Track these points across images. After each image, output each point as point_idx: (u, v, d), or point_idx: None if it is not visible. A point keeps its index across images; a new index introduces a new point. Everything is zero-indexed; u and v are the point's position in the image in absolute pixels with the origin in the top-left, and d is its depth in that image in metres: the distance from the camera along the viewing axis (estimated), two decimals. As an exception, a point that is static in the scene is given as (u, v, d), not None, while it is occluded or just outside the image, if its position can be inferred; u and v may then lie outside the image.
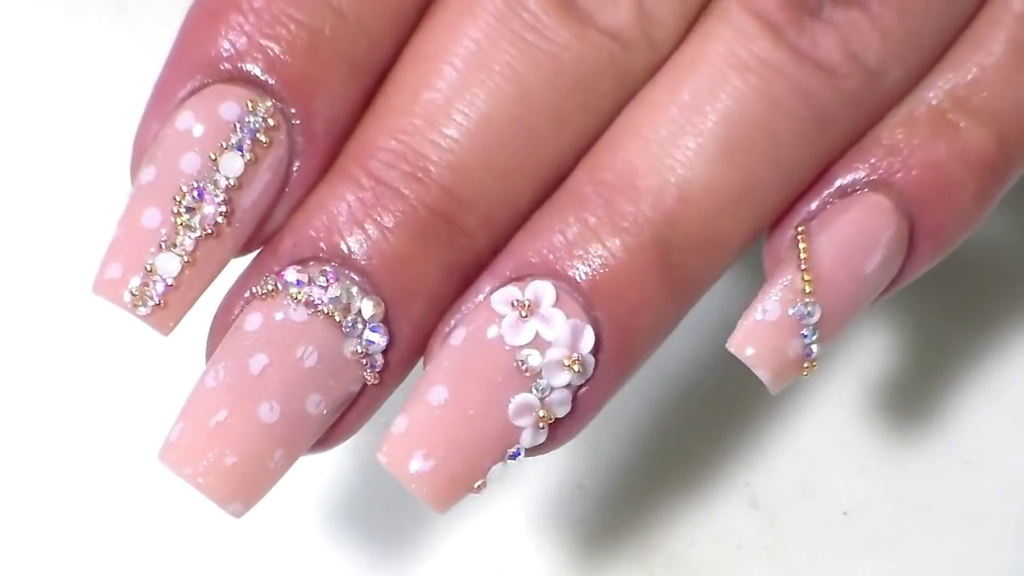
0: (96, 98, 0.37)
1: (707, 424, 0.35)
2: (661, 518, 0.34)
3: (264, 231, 0.25)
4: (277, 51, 0.24)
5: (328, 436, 0.25)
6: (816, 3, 0.24)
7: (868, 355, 0.35)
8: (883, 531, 0.34)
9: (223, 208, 0.24)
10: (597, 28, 0.24)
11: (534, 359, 0.24)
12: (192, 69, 0.24)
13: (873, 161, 0.26)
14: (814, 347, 0.25)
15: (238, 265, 0.25)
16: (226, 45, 0.24)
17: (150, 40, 0.37)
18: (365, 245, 0.24)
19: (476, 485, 0.24)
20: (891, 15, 0.25)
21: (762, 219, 0.25)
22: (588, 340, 0.24)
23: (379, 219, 0.24)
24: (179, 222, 0.24)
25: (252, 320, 0.24)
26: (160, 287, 0.24)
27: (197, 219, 0.24)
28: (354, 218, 0.24)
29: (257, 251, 0.25)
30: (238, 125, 0.24)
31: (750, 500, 0.34)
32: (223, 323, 0.25)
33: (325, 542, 0.33)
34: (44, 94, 0.37)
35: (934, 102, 0.26)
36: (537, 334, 0.24)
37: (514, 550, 0.33)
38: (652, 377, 0.35)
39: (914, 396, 0.35)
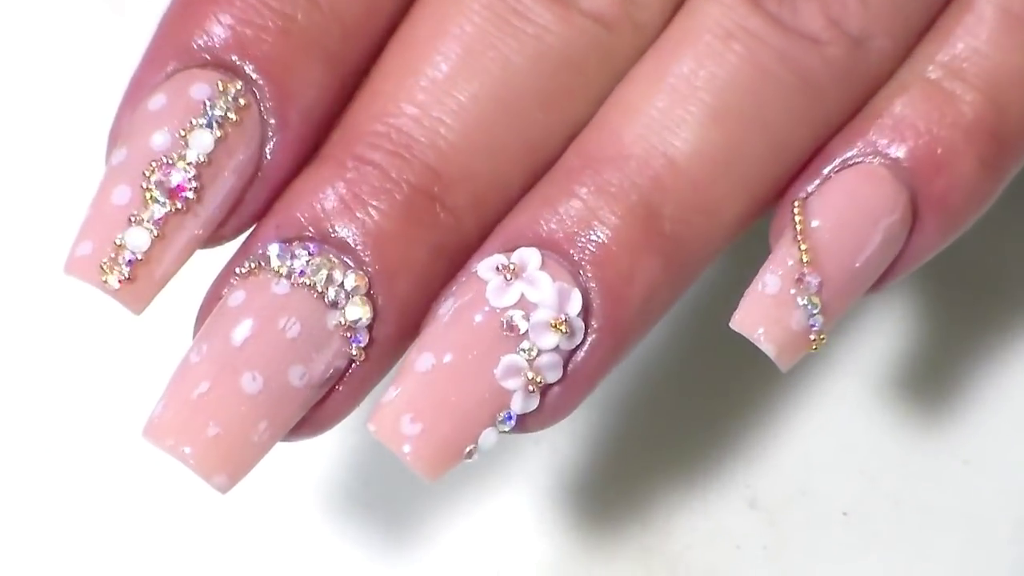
0: (93, 95, 0.37)
1: (706, 424, 0.35)
2: (660, 518, 0.34)
3: (240, 215, 0.25)
4: (249, 36, 0.24)
5: (318, 417, 0.25)
6: None
7: (867, 355, 0.35)
8: (883, 531, 0.34)
9: (193, 183, 0.24)
10: (581, 11, 0.25)
11: (518, 319, 0.24)
12: (166, 58, 0.25)
13: (869, 134, 0.26)
14: (817, 319, 0.25)
15: (223, 259, 0.25)
16: (199, 32, 0.24)
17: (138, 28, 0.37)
18: (349, 223, 0.24)
19: (467, 450, 0.24)
20: None
21: (757, 189, 0.25)
22: (575, 302, 0.24)
23: (362, 196, 0.24)
24: (148, 196, 0.24)
25: (235, 297, 0.24)
26: (130, 260, 0.24)
27: (166, 193, 0.24)
28: (337, 198, 0.24)
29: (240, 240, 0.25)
30: (208, 103, 0.24)
31: (749, 500, 0.34)
32: (210, 308, 0.25)
33: (324, 540, 0.33)
34: (40, 91, 0.37)
35: (926, 71, 0.26)
36: (522, 296, 0.24)
37: (513, 550, 0.33)
38: (651, 376, 0.35)
39: (914, 396, 0.35)
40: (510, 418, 0.24)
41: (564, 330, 0.24)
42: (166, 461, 0.24)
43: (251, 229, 0.25)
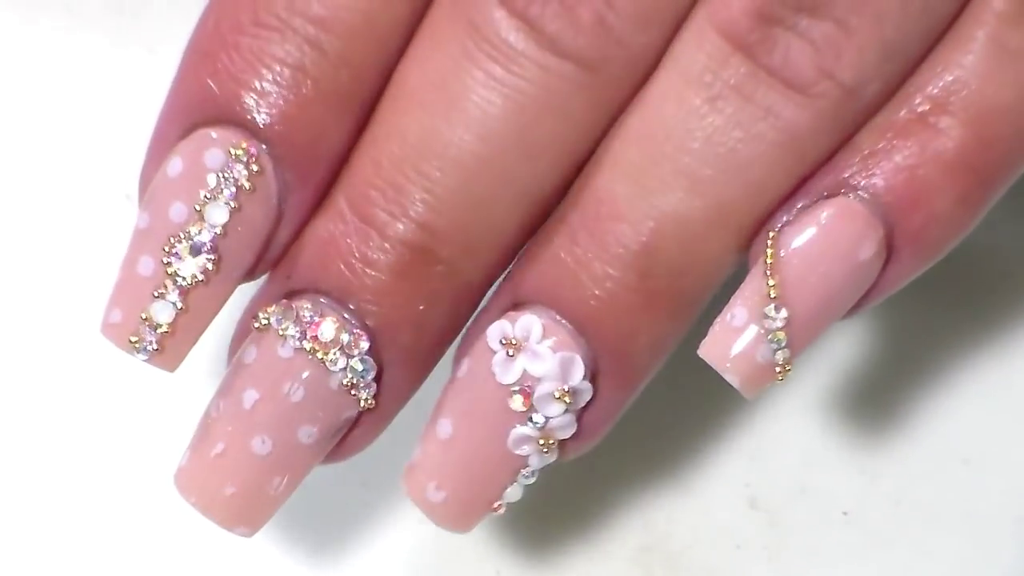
0: (97, 101, 0.37)
1: (706, 424, 0.35)
2: (659, 518, 0.34)
3: (265, 262, 0.26)
4: (260, 90, 0.24)
5: (338, 452, 0.26)
6: (791, 17, 0.24)
7: (866, 354, 0.35)
8: (883, 531, 0.34)
9: (211, 256, 0.24)
10: (560, 55, 0.24)
11: (518, 402, 0.25)
12: (183, 111, 0.25)
13: (849, 168, 0.25)
14: (780, 353, 0.25)
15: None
16: (211, 86, 0.25)
17: (151, 43, 0.37)
18: (350, 279, 0.25)
19: (495, 506, 0.26)
20: (868, 28, 0.24)
21: (744, 235, 0.25)
22: (578, 371, 0.25)
23: (360, 255, 0.25)
24: (169, 272, 0.24)
25: (249, 353, 0.25)
26: (156, 334, 0.25)
27: (186, 268, 0.25)
28: (339, 254, 0.25)
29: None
30: (221, 176, 0.24)
31: (749, 500, 0.34)
32: (239, 342, 0.26)
33: (323, 539, 0.33)
34: (43, 97, 0.37)
35: (913, 104, 0.25)
36: (525, 371, 0.25)
37: (512, 549, 0.33)
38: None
39: (913, 395, 0.35)
40: (532, 474, 0.26)
41: (568, 400, 0.25)
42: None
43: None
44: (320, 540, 0.33)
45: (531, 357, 0.25)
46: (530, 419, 0.25)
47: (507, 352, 0.25)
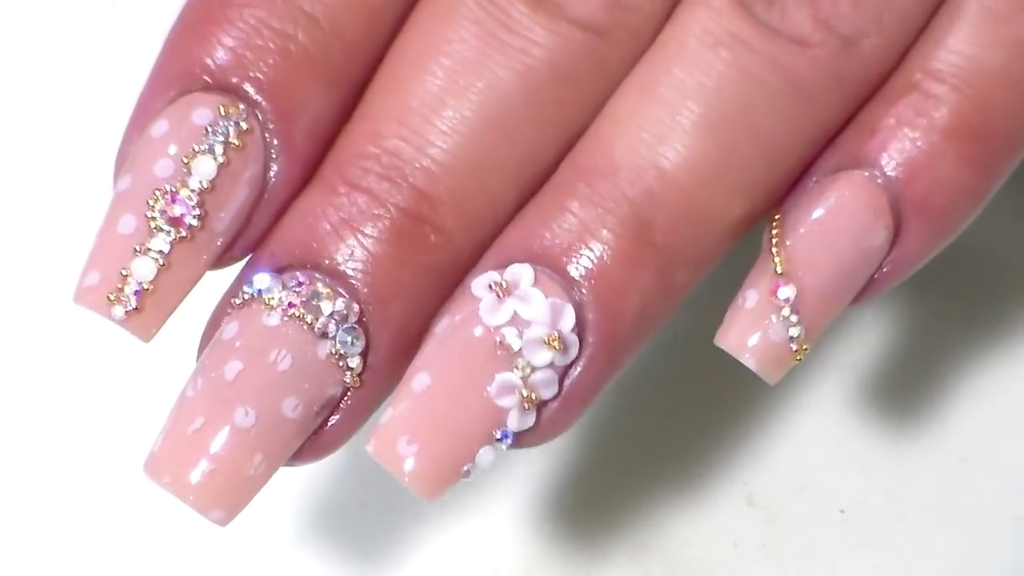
0: (90, 97, 0.37)
1: (704, 422, 0.35)
2: (658, 516, 0.34)
3: (245, 239, 0.25)
4: (251, 58, 0.24)
5: (318, 443, 0.25)
6: None
7: (865, 353, 0.35)
8: (880, 529, 0.34)
9: (196, 211, 0.24)
10: (569, 20, 0.24)
11: (511, 336, 0.24)
12: (170, 81, 0.25)
13: (851, 140, 0.25)
14: (794, 330, 0.25)
15: (228, 279, 0.25)
16: (201, 55, 0.24)
17: (140, 36, 0.37)
18: (341, 250, 0.24)
19: (464, 469, 0.24)
20: None
21: (751, 196, 0.25)
22: (568, 318, 0.24)
23: (353, 223, 0.24)
24: (153, 226, 0.24)
25: (229, 329, 0.24)
26: (136, 290, 0.24)
27: (170, 222, 0.24)
28: (329, 224, 0.24)
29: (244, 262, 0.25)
30: (210, 129, 0.24)
31: (747, 498, 0.34)
32: (209, 337, 0.25)
33: (322, 539, 0.33)
34: (38, 92, 0.37)
35: (908, 75, 0.25)
36: (515, 314, 0.24)
37: (510, 549, 0.33)
38: (649, 374, 0.35)
39: (912, 394, 0.35)
40: (506, 436, 0.24)
41: (558, 346, 0.24)
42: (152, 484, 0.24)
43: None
44: (319, 539, 0.33)
45: (521, 300, 0.24)
46: (516, 365, 0.24)
47: (496, 295, 0.24)
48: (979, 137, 0.25)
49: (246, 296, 0.24)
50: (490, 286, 0.24)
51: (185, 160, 0.24)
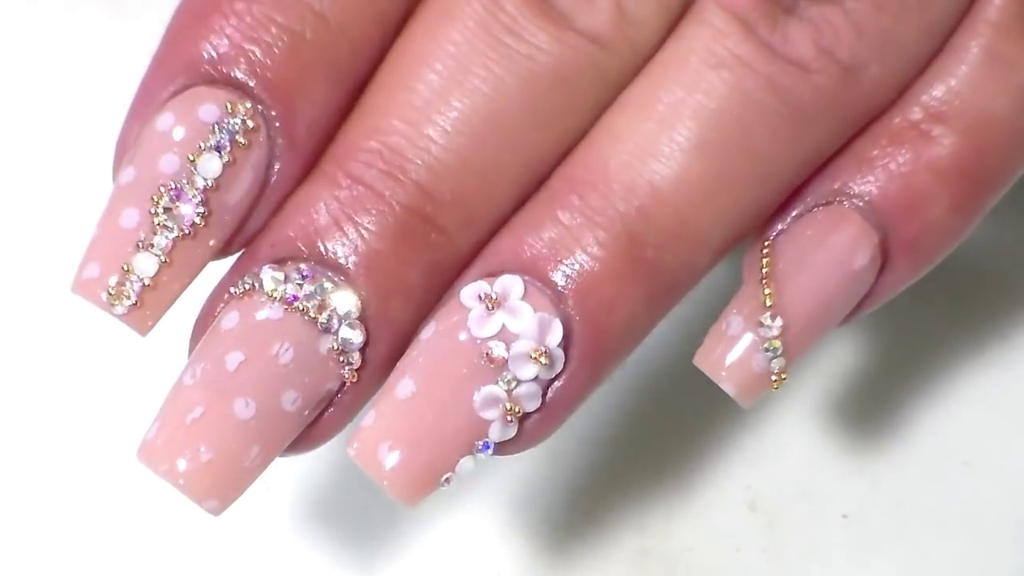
0: (91, 96, 0.37)
1: (707, 427, 0.35)
2: (660, 521, 0.34)
3: (244, 232, 0.25)
4: (258, 54, 0.24)
5: (310, 435, 0.25)
6: (790, 0, 0.24)
7: (867, 357, 0.35)
8: (882, 533, 0.34)
9: (200, 209, 0.24)
10: (575, 30, 0.24)
11: (498, 350, 0.24)
12: (174, 71, 0.24)
13: (845, 174, 0.25)
14: (775, 362, 0.25)
15: (220, 269, 0.25)
16: (208, 48, 0.24)
17: (145, 38, 0.37)
18: (342, 243, 0.24)
19: (444, 478, 0.24)
20: (866, 10, 0.24)
21: (742, 216, 0.25)
22: (556, 333, 0.24)
23: (355, 217, 0.24)
24: (156, 222, 0.24)
25: (229, 319, 0.24)
26: (137, 286, 0.24)
27: (174, 219, 0.24)
28: (331, 217, 0.24)
29: (238, 254, 0.25)
30: (217, 126, 0.24)
31: (749, 503, 0.34)
32: (204, 325, 0.25)
33: (322, 541, 0.34)
34: (39, 92, 0.37)
35: (909, 112, 0.25)
36: (503, 326, 0.24)
37: (512, 553, 0.33)
38: (650, 379, 0.35)
39: (914, 398, 0.35)
40: (487, 447, 0.25)
41: (544, 361, 0.24)
42: (147, 471, 0.24)
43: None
44: (320, 541, 0.33)
45: (510, 312, 0.24)
46: (501, 378, 0.24)
47: (486, 307, 0.24)
48: (973, 183, 0.26)
49: (247, 286, 0.24)
50: (480, 296, 0.24)
51: (191, 158, 0.24)
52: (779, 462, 0.34)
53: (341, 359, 0.24)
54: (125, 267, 0.24)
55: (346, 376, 0.24)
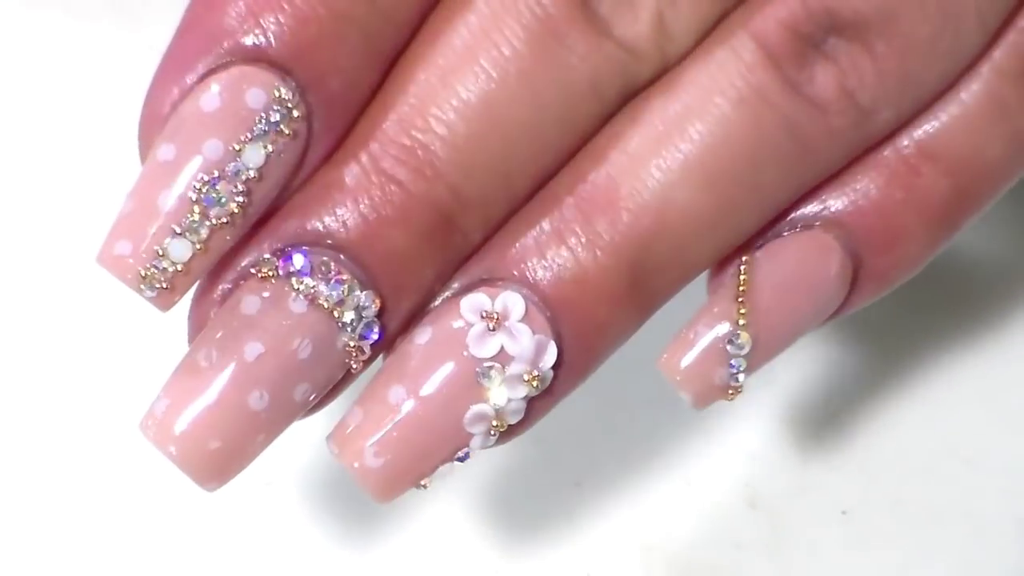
0: (97, 97, 0.37)
1: (706, 424, 0.35)
2: (660, 517, 0.34)
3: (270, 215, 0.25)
4: (304, 36, 0.23)
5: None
6: (821, 35, 0.24)
7: (867, 354, 0.35)
8: (882, 531, 0.34)
9: (241, 199, 0.23)
10: (613, 38, 0.24)
11: (494, 372, 0.24)
12: (211, 38, 0.24)
13: (832, 199, 0.26)
14: (740, 376, 0.25)
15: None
16: (250, 20, 0.23)
17: (151, 39, 0.37)
18: (369, 244, 0.24)
19: (423, 482, 0.25)
20: (893, 57, 0.24)
21: (735, 243, 0.25)
22: (550, 357, 0.25)
23: (384, 213, 0.24)
24: (197, 210, 0.23)
25: (250, 303, 0.24)
26: (170, 272, 0.23)
27: (215, 209, 0.23)
28: (359, 210, 0.24)
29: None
30: (264, 116, 0.23)
31: (749, 500, 0.34)
32: (208, 292, 0.24)
33: (322, 539, 0.33)
34: (43, 94, 0.37)
35: (903, 147, 0.26)
36: (502, 348, 0.24)
37: (512, 549, 0.33)
38: (651, 376, 0.35)
39: (913, 395, 0.35)
40: (466, 456, 0.25)
41: (536, 384, 0.24)
42: (149, 448, 0.24)
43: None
44: (320, 539, 0.33)
45: (509, 335, 0.24)
46: (491, 397, 0.24)
47: (488, 326, 0.24)
48: (952, 224, 0.26)
49: (268, 271, 0.24)
50: (482, 314, 0.24)
51: (236, 147, 0.23)
52: (779, 459, 0.34)
53: (356, 354, 0.24)
54: (159, 250, 0.23)
55: (353, 368, 0.24)
